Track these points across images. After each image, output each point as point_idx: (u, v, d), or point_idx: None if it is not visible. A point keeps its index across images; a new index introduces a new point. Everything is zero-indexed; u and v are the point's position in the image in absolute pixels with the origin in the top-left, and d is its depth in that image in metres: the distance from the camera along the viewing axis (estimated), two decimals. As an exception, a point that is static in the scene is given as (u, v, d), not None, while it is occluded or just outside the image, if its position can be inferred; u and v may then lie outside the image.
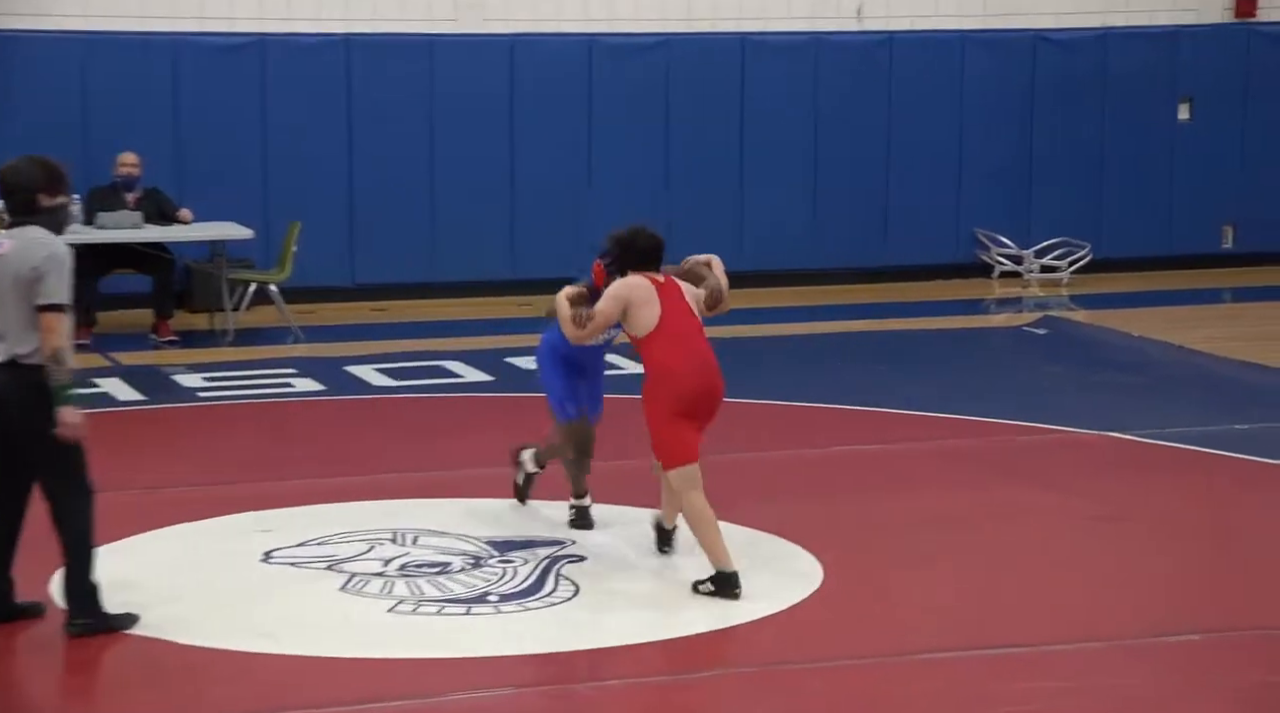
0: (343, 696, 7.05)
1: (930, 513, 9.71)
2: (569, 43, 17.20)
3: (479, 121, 16.97)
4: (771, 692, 7.17)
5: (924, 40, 17.95)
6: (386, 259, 16.83)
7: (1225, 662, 7.53)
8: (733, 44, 17.55)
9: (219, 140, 16.33)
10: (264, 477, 10.48)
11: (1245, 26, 18.77)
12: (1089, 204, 18.36)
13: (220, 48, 16.43)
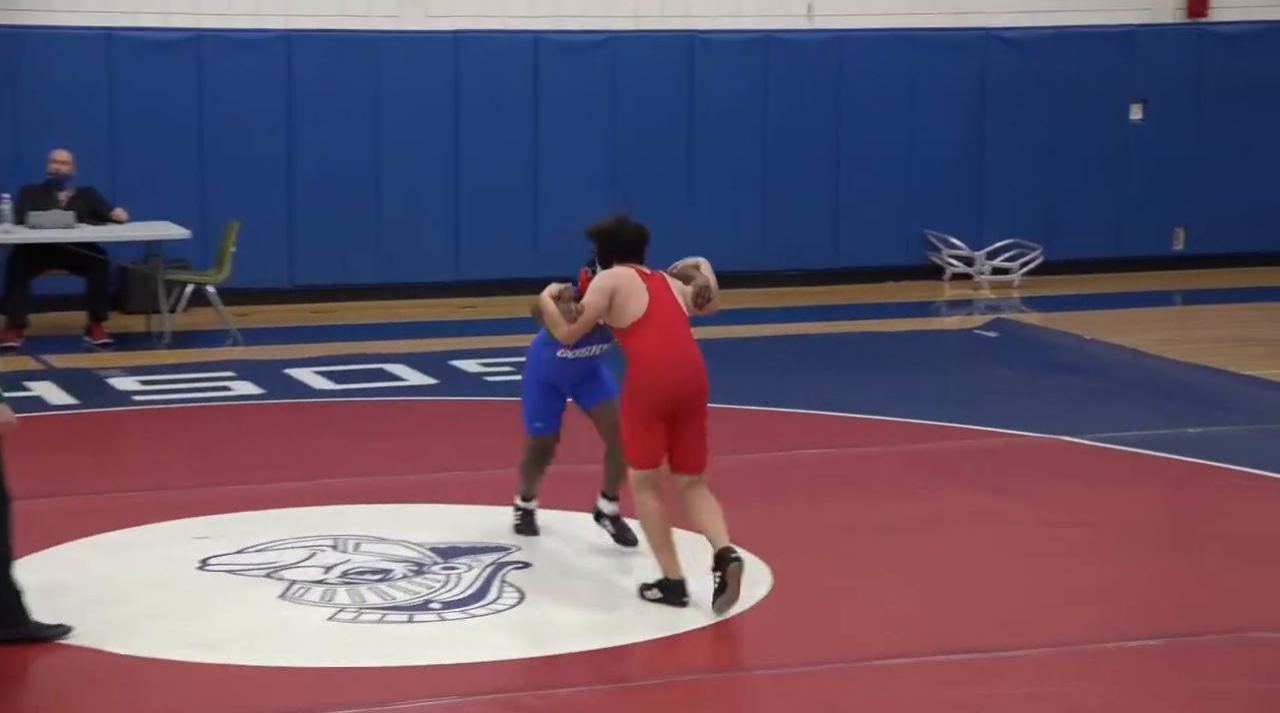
0: (282, 706, 7.02)
1: (881, 518, 9.73)
2: (515, 40, 17.17)
3: (423, 120, 16.93)
4: (719, 700, 7.17)
5: (875, 39, 17.99)
6: (327, 260, 16.76)
7: (1182, 668, 7.56)
8: (681, 42, 17.55)
9: (155, 138, 16.23)
10: (201, 482, 10.41)
11: (1197, 27, 18.89)
12: (1040, 206, 18.45)
13: (156, 43, 16.33)
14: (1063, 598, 8.45)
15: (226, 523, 9.45)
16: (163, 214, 15.48)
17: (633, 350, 8.03)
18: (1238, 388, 13.18)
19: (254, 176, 16.46)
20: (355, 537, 9.15)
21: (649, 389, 7.96)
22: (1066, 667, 7.49)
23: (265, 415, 12.53)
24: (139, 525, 9.42)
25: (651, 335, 7.99)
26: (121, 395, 13.00)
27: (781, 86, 17.71)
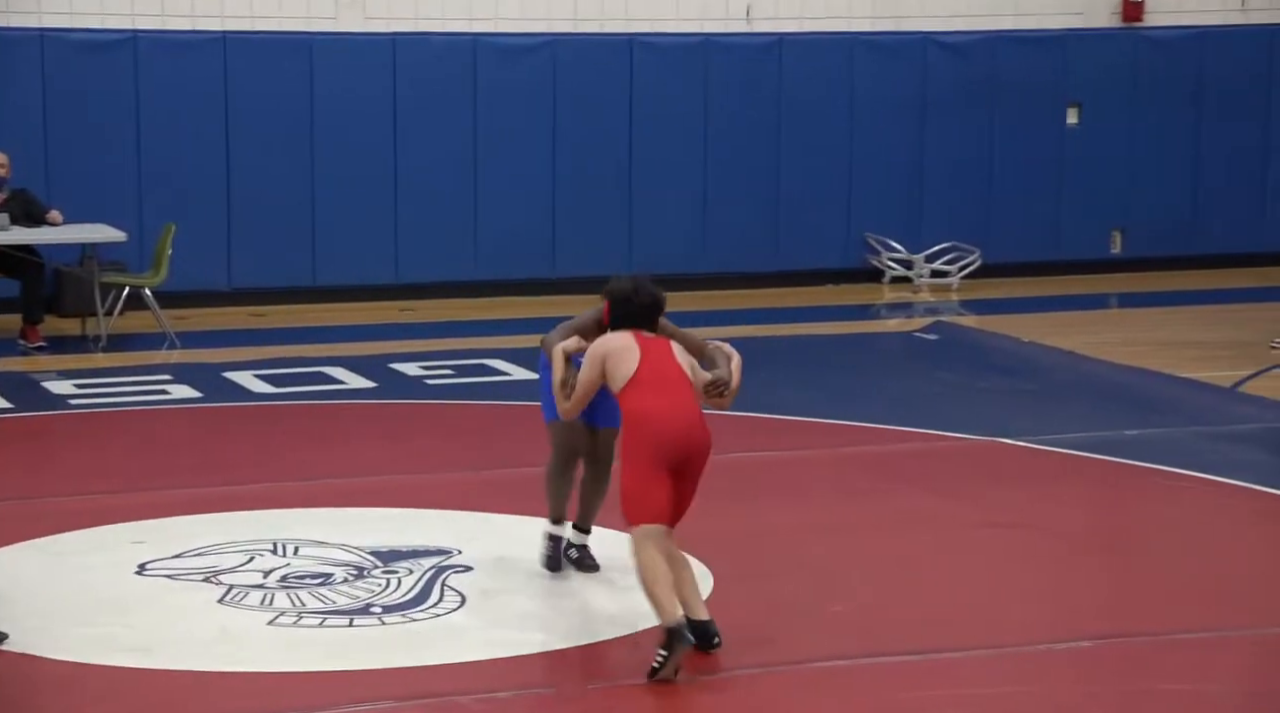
0: (221, 710, 7.00)
1: (821, 521, 9.78)
2: (453, 42, 17.17)
3: (361, 122, 16.91)
4: (658, 704, 7.19)
5: (813, 42, 18.07)
6: (265, 263, 16.72)
7: (1113, 669, 7.63)
8: (621, 45, 17.58)
9: (91, 140, 16.17)
10: (138, 487, 10.37)
11: (1133, 31, 19.03)
12: (979, 209, 18.56)
13: (92, 44, 16.25)
14: (998, 600, 8.51)
15: (164, 527, 9.42)
16: (99, 216, 15.41)
17: (630, 409, 7.59)
18: (1174, 390, 13.29)
19: (191, 179, 16.42)
20: (295, 541, 9.14)
21: (654, 441, 7.50)
22: (1001, 669, 7.56)
23: (203, 419, 12.49)
24: (75, 530, 9.37)
25: (647, 393, 7.57)
26: (57, 399, 12.94)
27: (721, 89, 17.77)
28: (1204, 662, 7.65)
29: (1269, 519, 10.17)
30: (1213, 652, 7.77)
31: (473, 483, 10.32)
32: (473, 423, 12.39)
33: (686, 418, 7.58)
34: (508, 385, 13.30)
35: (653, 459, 7.49)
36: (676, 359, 7.76)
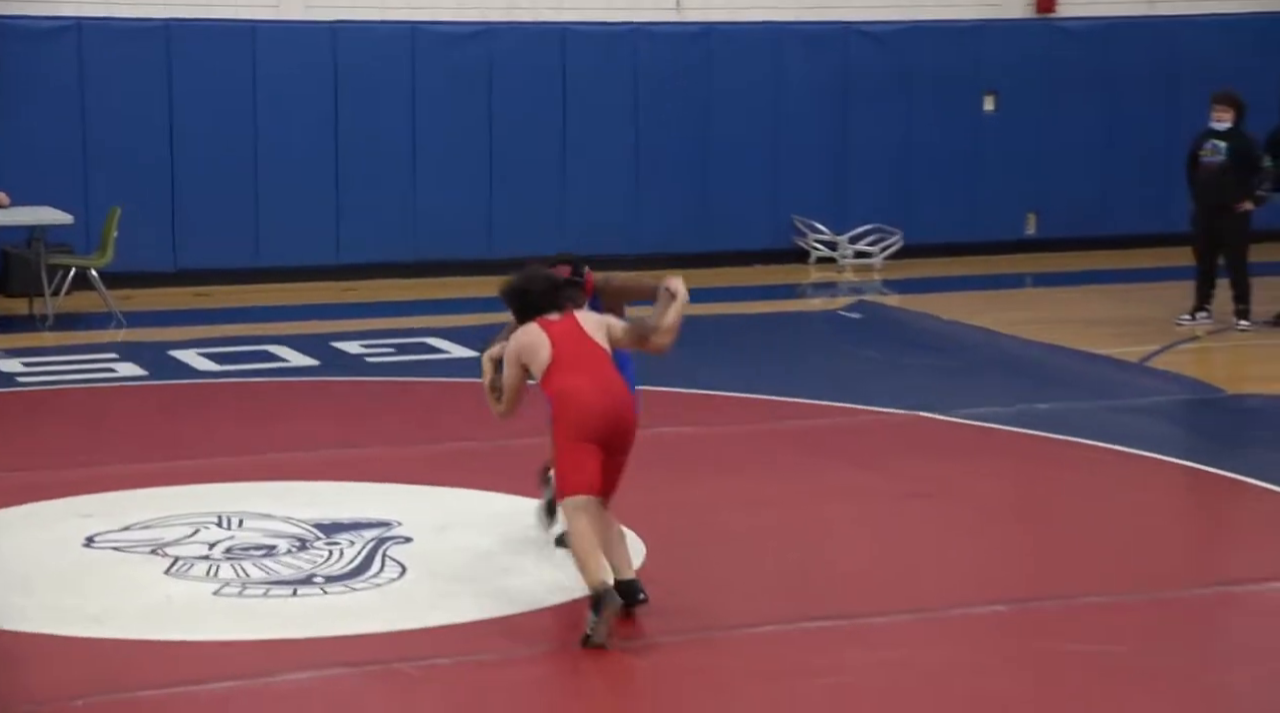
0: (169, 678, 6.99)
1: (750, 493, 9.82)
2: (392, 30, 17.12)
3: (302, 108, 16.85)
4: (594, 668, 7.22)
5: (741, 32, 18.11)
6: (209, 244, 16.65)
7: (1027, 631, 7.72)
8: (554, 33, 17.57)
9: (37, 124, 16.06)
10: (86, 462, 10.32)
11: (1046, 22, 19.16)
12: (900, 192, 18.66)
13: (38, 31, 16.12)
14: (918, 567, 8.59)
15: (111, 501, 9.38)
16: (45, 199, 15.33)
17: (553, 391, 7.60)
18: (1085, 366, 13.41)
19: (136, 163, 16.33)
20: (239, 513, 9.12)
21: (581, 414, 7.51)
22: (920, 632, 7.63)
23: (149, 396, 12.44)
24: (23, 505, 9.33)
25: (567, 373, 7.59)
26: (4, 377, 12.85)
27: (651, 77, 17.79)
28: (1110, 624, 7.73)
29: (1173, 487, 10.30)
30: (1119, 614, 7.85)
31: (412, 457, 10.32)
32: (413, 399, 12.38)
33: (609, 392, 7.62)
34: (447, 363, 13.29)
35: (578, 434, 7.52)
36: (587, 332, 7.76)
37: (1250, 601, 8.24)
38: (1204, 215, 14.82)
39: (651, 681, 7.15)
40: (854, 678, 7.08)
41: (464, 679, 7.13)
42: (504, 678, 7.12)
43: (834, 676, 7.09)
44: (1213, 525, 9.93)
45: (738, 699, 6.92)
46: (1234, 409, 12.13)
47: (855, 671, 7.15)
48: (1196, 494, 10.22)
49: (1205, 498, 10.18)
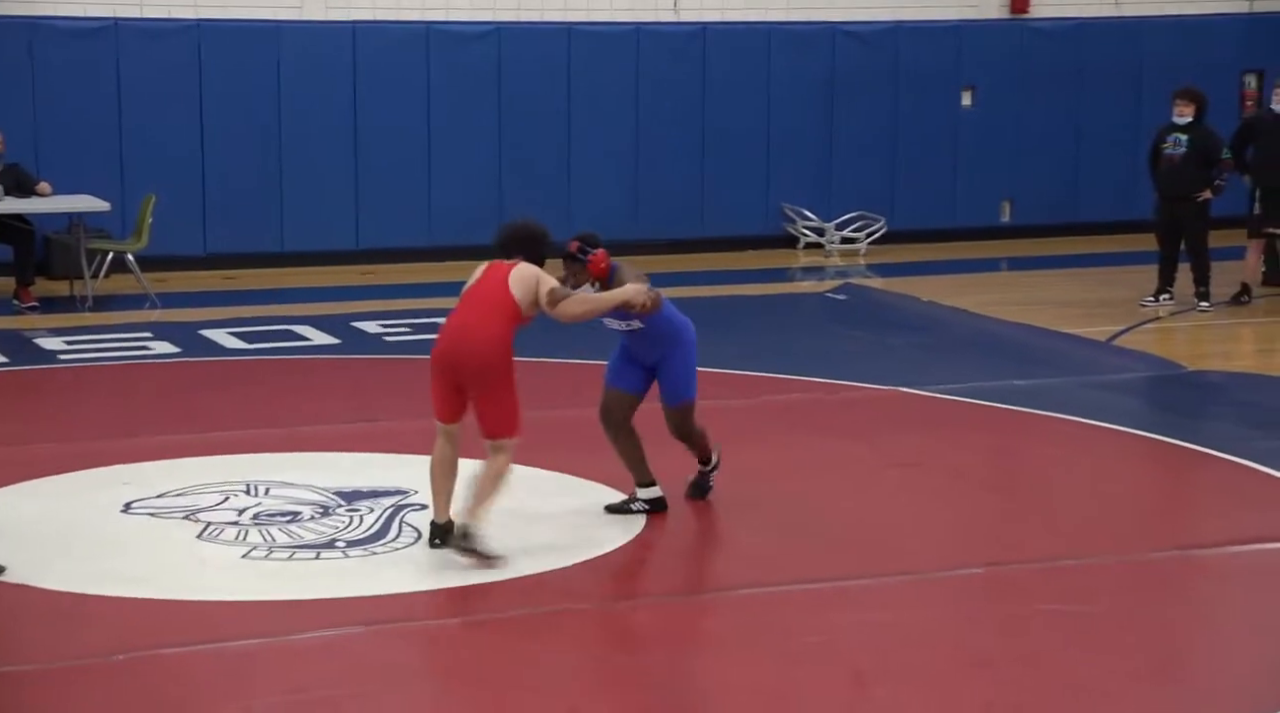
0: (201, 635, 7.00)
1: (745, 464, 9.77)
2: (408, 29, 17.08)
3: (323, 103, 16.81)
4: (598, 625, 7.23)
5: (734, 31, 18.07)
6: (237, 230, 16.63)
7: (1000, 592, 7.73)
8: (559, 33, 17.53)
9: (77, 118, 16.02)
10: (123, 434, 10.32)
11: (1020, 23, 19.13)
12: (883, 181, 18.63)
13: (76, 31, 16.08)
14: (899, 532, 8.58)
15: (147, 470, 9.38)
16: (84, 188, 15.30)
17: None
18: (1057, 344, 13.40)
19: (169, 154, 16.29)
20: (266, 482, 9.12)
21: (435, 346, 7.91)
22: (904, 593, 7.64)
23: (182, 372, 12.43)
24: (65, 474, 9.33)
25: (454, 310, 7.88)
26: (48, 354, 12.85)
27: (651, 74, 17.75)
28: (1081, 585, 7.75)
29: (1139, 458, 10.29)
30: (1089, 576, 7.87)
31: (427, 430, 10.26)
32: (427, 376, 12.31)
33: (459, 328, 7.79)
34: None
35: (431, 363, 7.88)
36: (507, 280, 7.84)
37: (1211, 562, 8.26)
38: (1166, 204, 14.81)
39: (654, 637, 7.15)
40: (842, 636, 7.09)
41: (477, 637, 7.14)
42: (511, 635, 7.13)
43: (824, 634, 7.10)
44: (1175, 493, 9.94)
45: (734, 655, 6.93)
46: (1194, 385, 12.13)
47: (843, 629, 7.16)
48: (1160, 464, 10.21)
49: (1168, 468, 10.18)
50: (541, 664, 6.82)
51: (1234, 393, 11.84)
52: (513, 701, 6.46)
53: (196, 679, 6.64)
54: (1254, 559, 8.23)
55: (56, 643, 6.94)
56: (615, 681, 6.70)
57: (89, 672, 6.66)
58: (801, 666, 6.78)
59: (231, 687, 6.56)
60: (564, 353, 11.94)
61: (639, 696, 6.51)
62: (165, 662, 6.76)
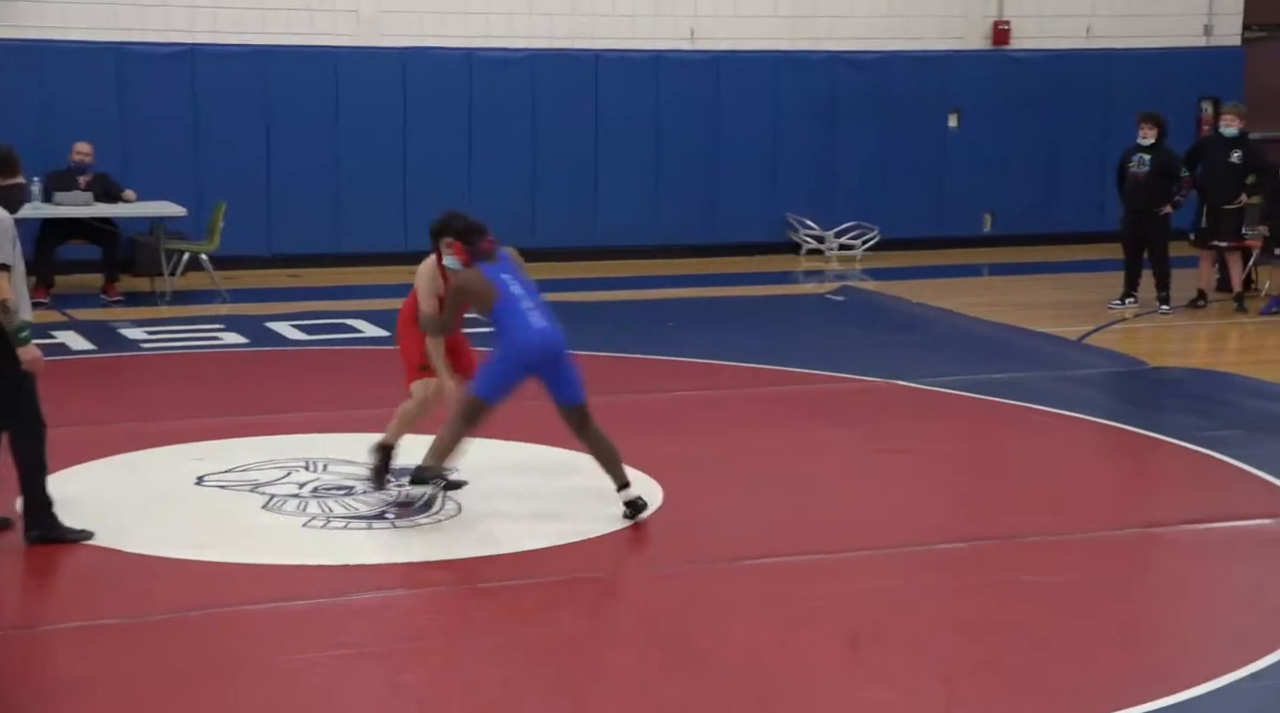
0: (265, 595, 7.02)
1: (749, 447, 9.80)
2: (452, 55, 17.08)
3: (376, 120, 16.83)
4: (617, 592, 7.23)
5: (745, 59, 18.04)
6: (299, 233, 16.65)
7: (980, 564, 7.70)
8: (588, 59, 17.52)
9: (157, 133, 16.06)
10: (197, 414, 10.34)
11: (1001, 53, 19.07)
12: (878, 194, 18.59)
13: (157, 55, 16.11)
14: (889, 511, 8.56)
15: (218, 448, 9.40)
16: (164, 195, 15.32)
17: None
18: (1032, 342, 13.36)
19: (239, 165, 16.33)
20: (324, 459, 9.12)
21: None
22: (891, 565, 7.61)
23: (249, 360, 12.45)
24: (146, 449, 9.36)
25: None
26: (131, 343, 12.88)
27: (670, 96, 17.73)
28: (1051, 558, 7.72)
29: (1105, 444, 10.26)
30: (1058, 550, 7.84)
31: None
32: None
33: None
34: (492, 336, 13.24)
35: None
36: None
37: (1169, 539, 8.23)
38: (1131, 217, 14.77)
39: (667, 602, 7.15)
40: (835, 603, 7.07)
41: (511, 599, 7.14)
42: (543, 598, 7.13)
43: (818, 601, 7.09)
44: (1137, 476, 9.90)
45: (739, 618, 6.92)
46: (1155, 379, 12.09)
47: (836, 597, 7.15)
48: (1124, 450, 10.18)
49: (1131, 453, 10.14)
50: (566, 625, 6.82)
51: (1190, 387, 11.79)
52: (541, 657, 6.46)
53: (260, 634, 6.66)
54: (1207, 536, 8.20)
55: (137, 600, 6.96)
56: (631, 640, 6.70)
57: (165, 626, 6.68)
58: (800, 628, 6.77)
59: (292, 641, 6.57)
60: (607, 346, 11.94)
61: (653, 653, 6.51)
62: (233, 618, 6.78)
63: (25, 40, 15.68)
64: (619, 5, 17.74)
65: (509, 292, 7.99)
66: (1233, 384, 11.73)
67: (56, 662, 6.43)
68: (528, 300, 8.02)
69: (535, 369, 7.95)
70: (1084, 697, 6.08)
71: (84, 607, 6.95)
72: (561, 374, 7.96)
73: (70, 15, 15.89)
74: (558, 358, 7.93)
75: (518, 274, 8.15)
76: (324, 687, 6.12)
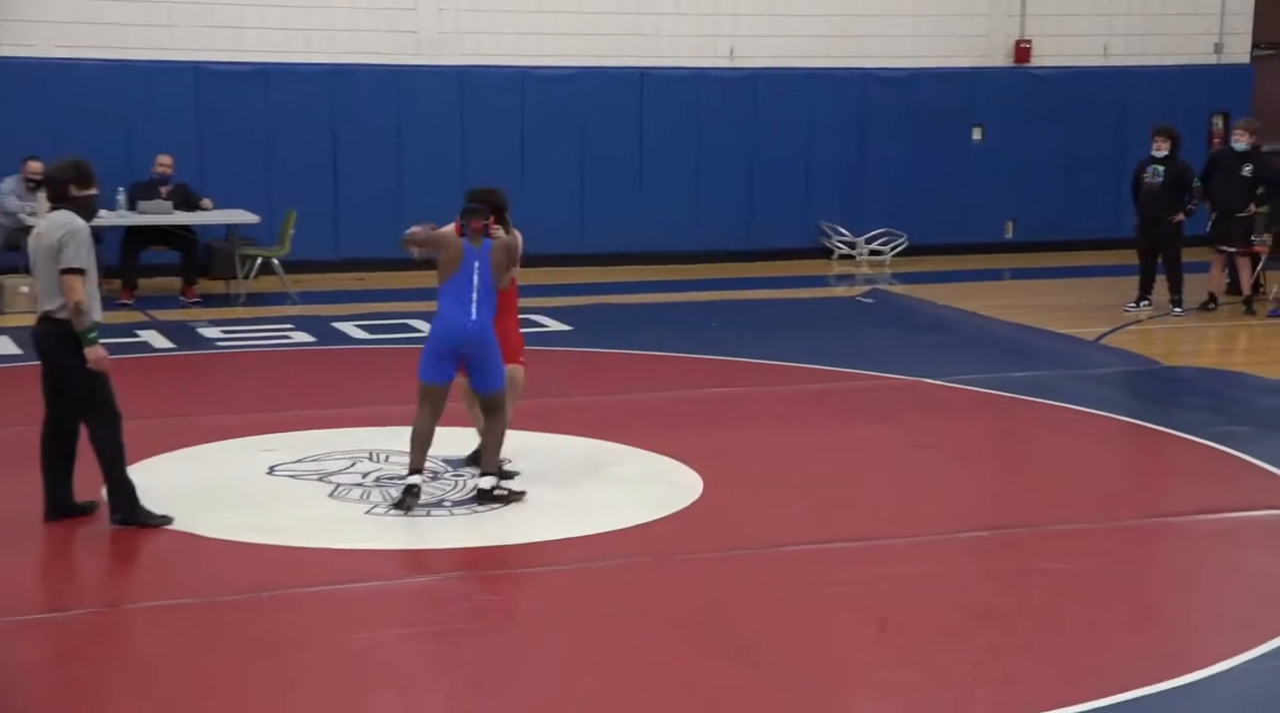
0: (330, 577, 7.04)
1: (786, 440, 9.78)
2: (506, 73, 17.10)
3: (436, 133, 16.86)
4: (660, 577, 7.22)
5: (782, 76, 17.99)
6: (364, 239, 16.68)
7: (1002, 552, 7.66)
8: (633, 77, 17.50)
9: (233, 146, 16.14)
10: (269, 408, 10.38)
11: (1023, 70, 18.95)
12: (906, 203, 18.50)
13: (233, 74, 16.20)
14: (917, 501, 8.52)
15: (288, 439, 9.43)
16: (239, 203, 15.41)
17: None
18: (1051, 342, 13.27)
19: (308, 175, 16.39)
20: (386, 450, 9.13)
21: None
22: (919, 552, 7.58)
23: (317, 358, 12.50)
24: (222, 441, 9.41)
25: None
26: (207, 341, 12.95)
27: (710, 111, 17.70)
28: (1073, 546, 7.67)
29: (1120, 439, 10.18)
30: (1077, 539, 7.79)
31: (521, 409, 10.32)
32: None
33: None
34: (547, 334, 13.28)
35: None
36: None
37: (1182, 528, 8.15)
38: (1146, 225, 14.69)
39: (706, 586, 7.13)
40: (865, 588, 7.04)
41: (560, 583, 7.14)
42: (590, 582, 7.13)
43: (850, 585, 7.06)
44: (1152, 469, 9.82)
45: (773, 602, 6.90)
46: (1168, 378, 11.99)
47: (867, 582, 7.11)
48: (1139, 445, 10.10)
49: (1146, 448, 10.06)
50: (614, 606, 6.82)
51: (1201, 385, 11.69)
52: (588, 637, 6.45)
53: (327, 613, 6.68)
54: (1218, 525, 8.12)
55: (212, 581, 7.00)
56: (673, 622, 6.68)
57: (239, 606, 6.71)
58: (831, 612, 6.75)
59: (357, 620, 6.58)
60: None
61: (693, 633, 6.49)
62: (300, 599, 6.80)
63: (111, 60, 15.79)
64: (663, 25, 17.72)
65: (459, 277, 8.08)
66: (1242, 383, 11.62)
67: (139, 638, 6.47)
68: (469, 292, 8.09)
69: (453, 355, 8.07)
70: (1101, 677, 6.03)
71: (164, 587, 7.00)
72: (476, 364, 8.05)
73: (153, 38, 15.99)
74: (472, 347, 8.00)
75: (485, 266, 8.18)
76: (386, 664, 6.13)
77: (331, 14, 16.63)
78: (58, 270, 7.34)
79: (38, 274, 7.49)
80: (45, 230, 7.44)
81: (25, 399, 8.39)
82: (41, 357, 7.55)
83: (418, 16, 16.96)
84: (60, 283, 7.34)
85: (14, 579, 7.02)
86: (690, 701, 5.81)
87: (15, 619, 6.53)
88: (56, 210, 7.49)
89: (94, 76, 15.72)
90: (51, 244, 7.36)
